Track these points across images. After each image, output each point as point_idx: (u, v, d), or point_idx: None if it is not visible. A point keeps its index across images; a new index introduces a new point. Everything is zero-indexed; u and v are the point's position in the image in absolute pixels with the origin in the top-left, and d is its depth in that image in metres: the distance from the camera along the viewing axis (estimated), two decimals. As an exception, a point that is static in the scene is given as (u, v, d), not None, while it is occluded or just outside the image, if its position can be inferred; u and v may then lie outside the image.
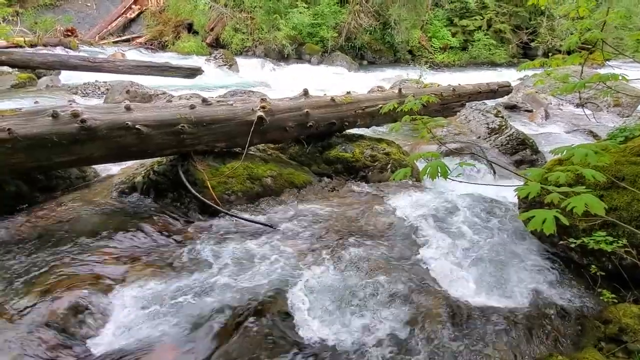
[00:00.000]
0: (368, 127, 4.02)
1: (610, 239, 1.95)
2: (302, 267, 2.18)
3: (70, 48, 11.64)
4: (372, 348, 1.72)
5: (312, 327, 1.82)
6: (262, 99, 3.18)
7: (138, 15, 15.78)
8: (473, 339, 1.81)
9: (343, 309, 1.91)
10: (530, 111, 6.71)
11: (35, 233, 2.36)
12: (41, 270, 1.99)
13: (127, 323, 1.78)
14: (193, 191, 2.71)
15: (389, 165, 3.50)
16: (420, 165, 3.58)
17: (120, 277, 2.02)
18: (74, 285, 1.88)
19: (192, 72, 9.43)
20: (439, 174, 1.39)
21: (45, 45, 11.23)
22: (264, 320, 1.79)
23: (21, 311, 1.72)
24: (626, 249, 1.92)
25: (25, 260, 2.08)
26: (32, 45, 10.98)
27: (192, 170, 2.86)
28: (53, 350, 1.59)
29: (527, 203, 2.43)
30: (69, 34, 13.05)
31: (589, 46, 2.60)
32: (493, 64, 15.88)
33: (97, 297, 1.86)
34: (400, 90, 4.05)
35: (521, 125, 5.54)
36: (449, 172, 1.42)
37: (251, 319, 1.79)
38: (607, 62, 2.71)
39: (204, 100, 2.90)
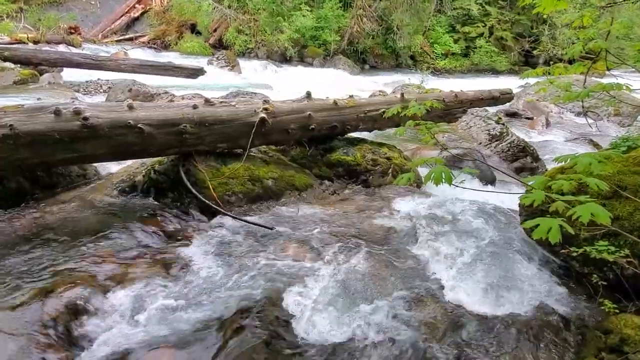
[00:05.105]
0: (370, 131, 4.02)
1: (613, 248, 1.94)
2: (302, 269, 2.17)
3: (73, 46, 11.68)
4: (371, 351, 1.71)
5: (311, 329, 1.80)
6: (264, 101, 3.18)
7: (142, 14, 15.84)
8: (471, 346, 1.79)
9: (342, 312, 1.90)
10: (531, 119, 6.73)
11: (34, 230, 2.34)
12: (40, 268, 1.98)
13: (125, 323, 1.76)
14: (194, 191, 2.70)
15: (390, 169, 3.50)
16: (422, 170, 3.58)
17: (119, 277, 2.01)
18: (72, 284, 1.86)
19: (195, 73, 9.44)
20: (443, 180, 1.39)
21: (48, 43, 11.25)
22: (262, 322, 1.78)
23: (19, 309, 1.70)
24: (628, 259, 1.91)
25: (24, 258, 2.07)
26: (35, 42, 11.00)
27: (193, 170, 2.85)
28: (50, 350, 1.57)
29: (529, 211, 2.43)
30: (73, 31, 13.08)
31: (591, 55, 2.60)
32: (494, 71, 15.95)
33: (96, 296, 1.84)
34: (402, 95, 4.05)
35: (522, 133, 5.55)
36: (453, 178, 1.41)
37: (250, 320, 1.78)
38: (609, 71, 2.71)
39: (207, 101, 2.89)
